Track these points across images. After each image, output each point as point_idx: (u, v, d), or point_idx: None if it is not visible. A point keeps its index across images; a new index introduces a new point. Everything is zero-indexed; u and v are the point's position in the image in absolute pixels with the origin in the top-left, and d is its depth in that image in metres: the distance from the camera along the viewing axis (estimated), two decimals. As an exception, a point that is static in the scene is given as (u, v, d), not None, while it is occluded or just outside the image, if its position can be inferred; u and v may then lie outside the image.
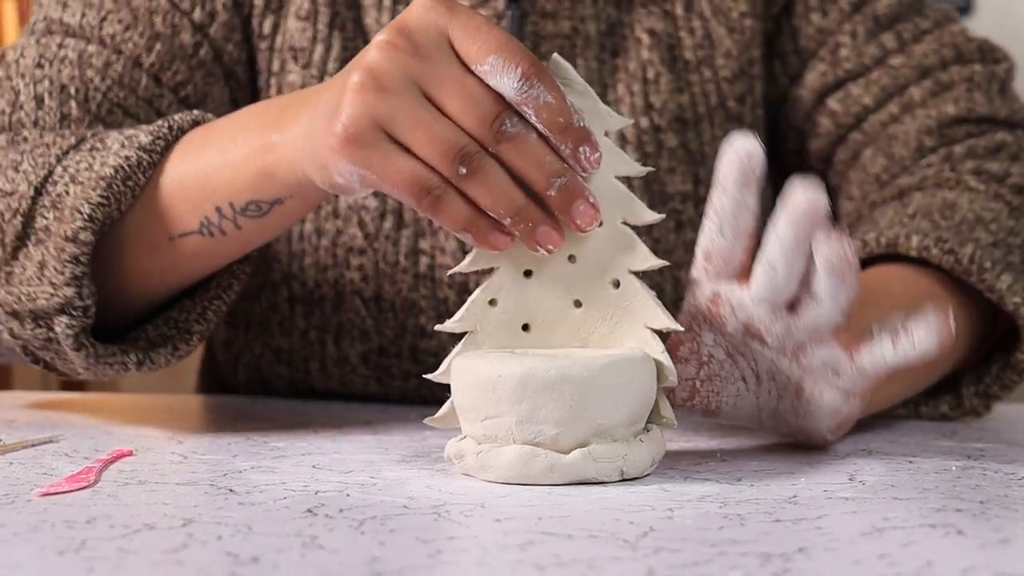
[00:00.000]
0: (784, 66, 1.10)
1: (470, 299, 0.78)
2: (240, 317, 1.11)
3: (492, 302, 0.78)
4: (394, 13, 1.03)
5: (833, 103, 1.09)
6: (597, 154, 0.76)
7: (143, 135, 0.89)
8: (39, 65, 0.98)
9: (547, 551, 0.59)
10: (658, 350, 0.76)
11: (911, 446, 0.87)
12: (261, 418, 1.00)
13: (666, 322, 0.77)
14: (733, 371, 0.79)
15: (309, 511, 0.67)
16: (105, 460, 0.80)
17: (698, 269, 0.77)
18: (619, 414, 0.74)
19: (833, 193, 1.10)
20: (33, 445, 0.86)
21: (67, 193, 0.88)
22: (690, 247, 1.05)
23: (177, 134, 0.89)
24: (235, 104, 1.03)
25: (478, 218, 0.76)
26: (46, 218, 0.88)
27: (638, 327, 0.77)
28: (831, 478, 0.75)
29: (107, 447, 0.85)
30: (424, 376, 0.80)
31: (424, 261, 1.03)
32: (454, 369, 0.76)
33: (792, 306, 0.76)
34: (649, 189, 1.05)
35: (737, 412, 0.81)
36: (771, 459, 0.82)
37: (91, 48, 0.99)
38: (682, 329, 0.77)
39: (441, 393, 0.79)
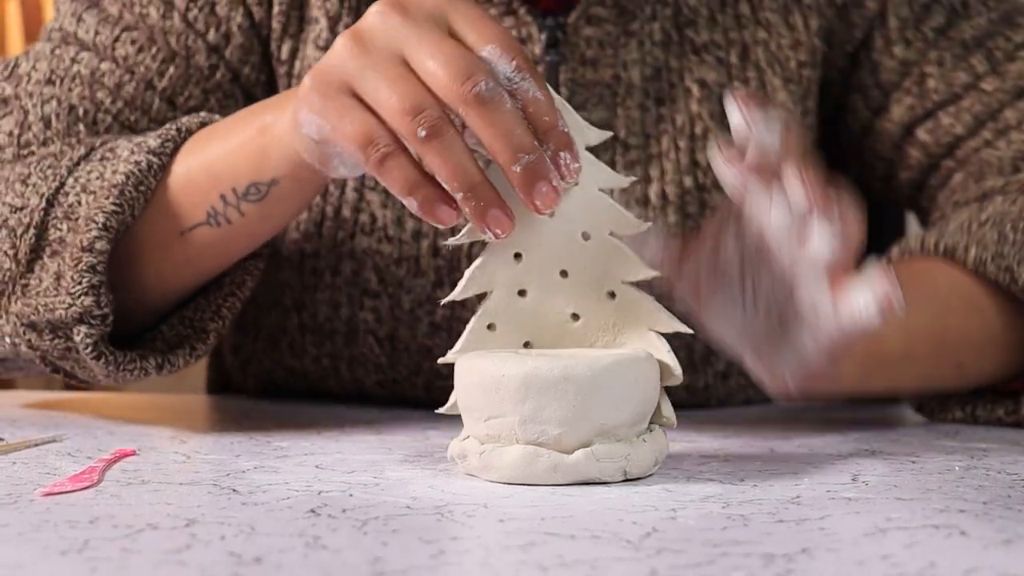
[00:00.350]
0: (866, 100, 1.06)
1: (468, 327, 0.78)
2: (249, 326, 1.10)
3: (491, 327, 0.78)
4: None
5: (923, 134, 1.04)
6: (577, 164, 0.75)
7: (152, 139, 0.89)
8: (50, 81, 0.98)
9: (550, 552, 0.59)
10: (663, 350, 0.76)
11: (914, 446, 0.87)
12: (264, 418, 1.00)
13: (671, 324, 0.77)
14: (736, 292, 0.74)
15: (312, 511, 0.67)
16: (108, 460, 0.80)
17: (728, 161, 0.72)
18: (622, 414, 0.74)
19: (924, 215, 1.08)
20: (36, 444, 0.86)
21: (80, 203, 0.88)
22: None
23: (185, 135, 0.90)
24: None
25: (425, 185, 0.75)
26: (60, 229, 0.89)
27: (642, 332, 0.77)
28: (834, 478, 0.75)
29: (110, 447, 0.85)
30: (436, 411, 0.79)
31: (441, 312, 1.00)
32: (458, 368, 0.76)
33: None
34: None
35: (716, 322, 0.76)
36: (774, 459, 0.82)
37: (104, 66, 0.98)
38: (689, 331, 0.76)
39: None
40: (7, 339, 0.92)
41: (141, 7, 0.99)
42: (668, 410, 0.77)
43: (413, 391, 1.05)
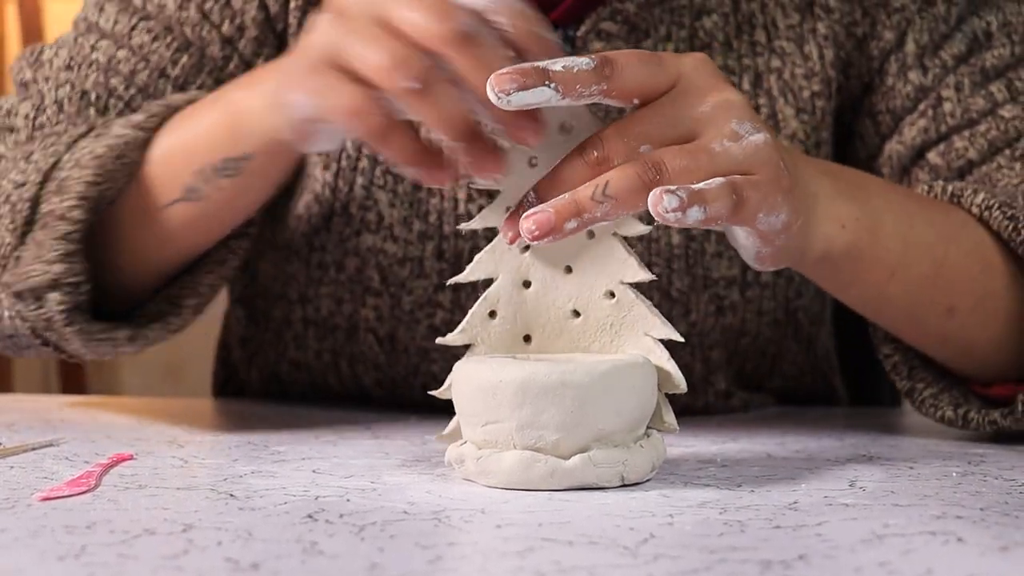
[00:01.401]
0: (876, 126, 1.03)
1: (470, 312, 0.78)
2: (259, 316, 1.11)
3: (492, 314, 0.78)
4: None
5: (934, 157, 1.01)
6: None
7: (139, 114, 0.92)
8: (68, 67, 1.00)
9: (547, 558, 0.59)
10: (663, 358, 0.76)
11: (911, 451, 0.87)
12: (262, 421, 1.00)
13: (665, 332, 0.77)
14: None
15: (309, 516, 0.67)
16: (105, 464, 0.80)
17: None
18: (620, 419, 0.74)
19: None
20: (33, 449, 0.86)
21: (69, 177, 0.90)
22: (728, 330, 1.03)
23: (171, 112, 0.92)
24: None
25: (421, 151, 0.75)
26: (51, 203, 0.91)
27: (639, 336, 0.77)
28: (832, 484, 0.75)
29: (107, 451, 0.85)
30: (429, 392, 0.80)
31: (440, 315, 1.01)
32: (454, 375, 0.76)
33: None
34: (691, 272, 1.00)
35: None
36: (772, 464, 0.82)
37: (120, 54, 1.00)
38: (681, 340, 0.77)
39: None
40: (6, 312, 0.94)
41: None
42: (670, 416, 0.77)
43: (410, 392, 1.05)
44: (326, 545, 0.61)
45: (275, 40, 1.02)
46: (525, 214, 0.73)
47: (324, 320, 1.05)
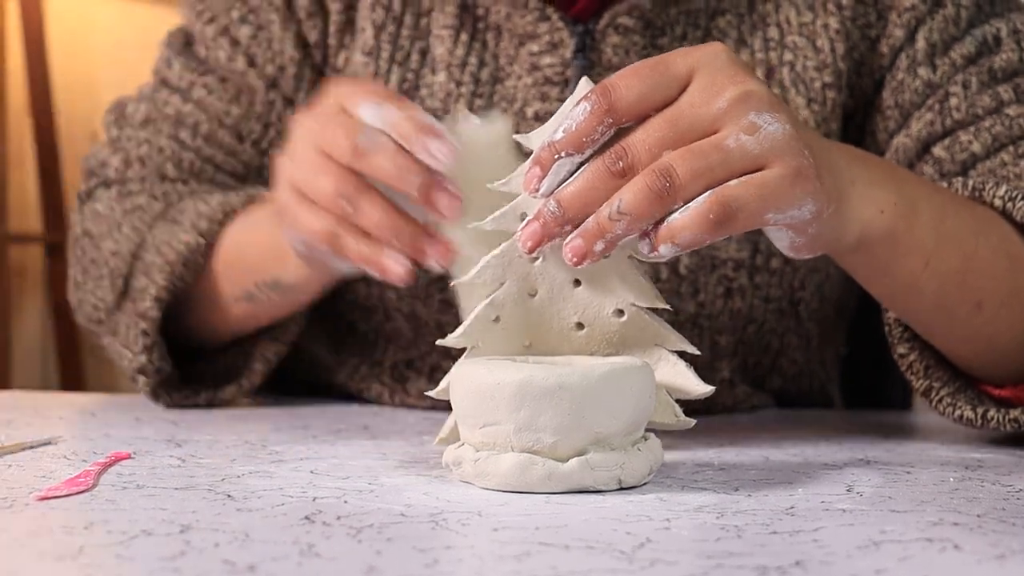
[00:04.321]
0: (885, 122, 1.05)
1: (473, 314, 0.78)
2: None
3: (496, 319, 0.78)
4: (457, 42, 1.06)
5: (939, 150, 1.02)
6: (445, 148, 0.81)
7: (203, 220, 1.05)
8: (145, 123, 1.14)
9: (543, 562, 0.59)
10: (681, 365, 0.77)
11: (909, 455, 0.87)
12: (259, 421, 1.00)
13: (678, 344, 0.77)
14: None
15: (307, 518, 0.67)
16: (104, 463, 0.80)
17: None
18: (617, 423, 0.74)
19: None
20: (32, 447, 0.86)
21: (152, 264, 1.05)
22: (736, 315, 1.04)
23: (230, 216, 1.05)
24: None
25: (379, 250, 0.84)
26: (140, 280, 1.06)
27: (648, 347, 0.77)
28: (829, 488, 0.76)
29: (106, 449, 0.85)
30: (426, 393, 0.80)
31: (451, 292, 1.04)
32: (453, 376, 0.77)
33: None
34: (697, 253, 1.01)
35: None
36: (769, 468, 0.82)
37: (186, 109, 1.13)
38: (697, 352, 0.77)
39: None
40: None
41: (215, 49, 1.13)
42: (679, 411, 0.78)
43: (417, 376, 1.09)
44: (323, 547, 0.61)
45: (312, 73, 1.11)
46: (566, 242, 0.75)
47: (359, 304, 1.11)
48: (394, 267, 0.84)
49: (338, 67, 1.10)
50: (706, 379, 1.04)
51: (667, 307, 0.77)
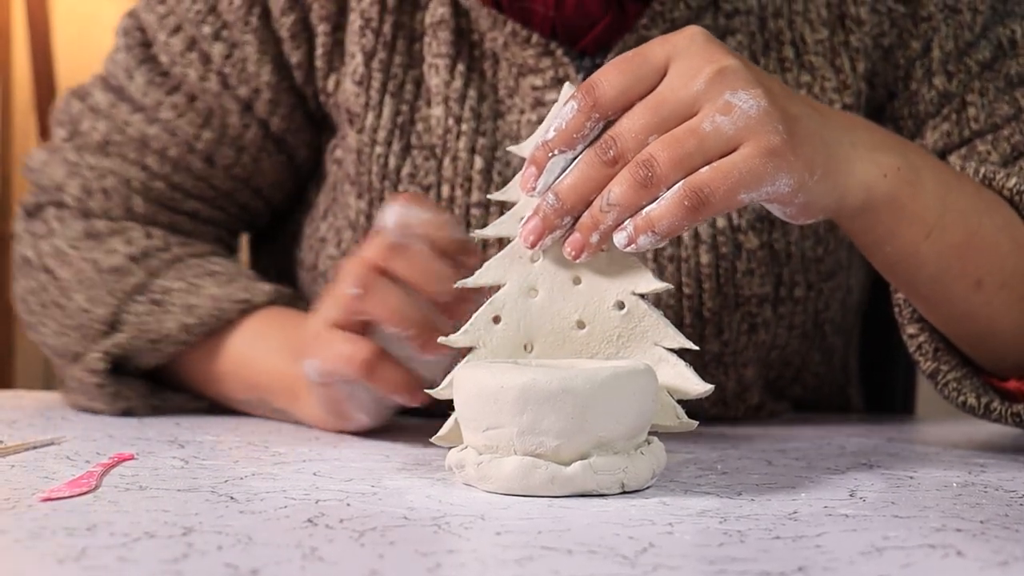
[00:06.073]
0: (898, 131, 1.01)
1: (474, 315, 0.78)
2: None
3: (496, 319, 0.78)
4: (454, 72, 1.02)
5: (955, 159, 1.00)
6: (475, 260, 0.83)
7: (192, 314, 1.01)
8: (105, 144, 1.07)
9: (546, 566, 0.59)
10: (681, 365, 0.77)
11: (911, 460, 0.87)
12: (262, 422, 1.00)
13: (677, 341, 0.77)
14: None
15: (309, 521, 0.67)
16: (107, 464, 0.80)
17: None
18: (620, 426, 0.74)
19: None
20: (35, 447, 0.86)
21: (136, 347, 1.02)
22: (761, 347, 1.03)
23: (224, 318, 1.01)
24: (315, 150, 1.09)
25: (410, 381, 0.87)
26: (112, 350, 1.02)
27: (647, 347, 0.77)
28: (832, 493, 0.76)
29: (109, 450, 0.85)
30: (427, 392, 0.80)
31: None
32: (456, 379, 0.77)
33: None
34: (722, 292, 1.00)
35: None
36: (772, 472, 0.82)
37: (151, 131, 1.06)
38: (695, 348, 0.78)
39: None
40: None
41: (183, 65, 1.06)
42: (682, 414, 0.78)
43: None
44: (326, 551, 0.61)
45: (291, 97, 1.06)
46: (568, 241, 0.78)
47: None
48: (420, 399, 0.87)
49: (328, 91, 1.04)
50: (734, 406, 1.05)
51: (668, 287, 0.78)
